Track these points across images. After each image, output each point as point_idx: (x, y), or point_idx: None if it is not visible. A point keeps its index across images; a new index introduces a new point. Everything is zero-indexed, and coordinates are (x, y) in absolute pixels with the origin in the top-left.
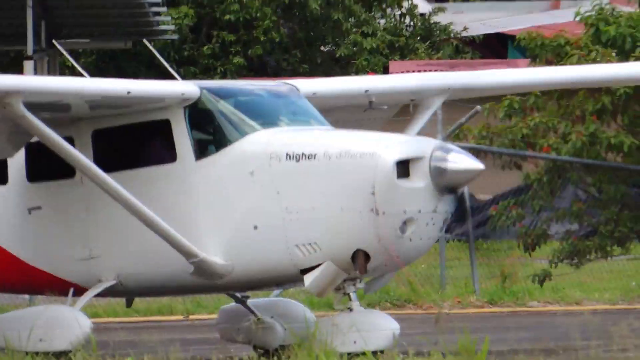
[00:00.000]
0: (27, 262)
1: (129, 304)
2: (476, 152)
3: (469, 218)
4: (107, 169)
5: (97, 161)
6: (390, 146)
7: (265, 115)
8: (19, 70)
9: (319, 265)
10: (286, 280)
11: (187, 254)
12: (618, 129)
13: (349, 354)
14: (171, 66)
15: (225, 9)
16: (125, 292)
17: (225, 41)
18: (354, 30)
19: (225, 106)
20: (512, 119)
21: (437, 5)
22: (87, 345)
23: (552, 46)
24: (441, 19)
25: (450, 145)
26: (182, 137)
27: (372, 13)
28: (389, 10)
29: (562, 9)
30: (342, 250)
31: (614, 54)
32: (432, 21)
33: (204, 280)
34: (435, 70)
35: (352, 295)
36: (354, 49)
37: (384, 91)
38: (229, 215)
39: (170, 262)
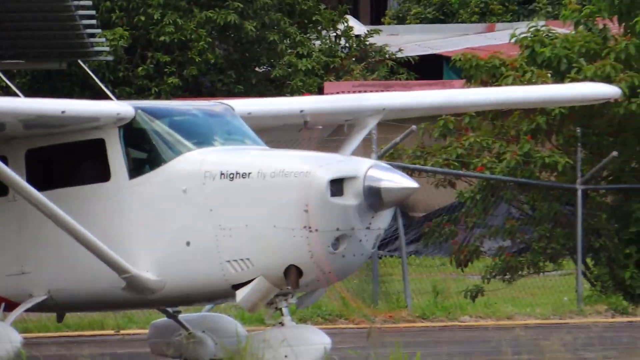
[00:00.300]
0: None
1: (60, 319)
2: (410, 171)
3: (401, 234)
4: (40, 187)
5: (31, 180)
6: (324, 165)
7: (199, 134)
8: None
9: (251, 280)
10: (218, 295)
11: (119, 270)
12: (552, 149)
13: None
14: (106, 87)
15: (160, 30)
16: (57, 307)
17: (159, 62)
18: (289, 51)
19: (159, 126)
20: (446, 139)
21: (372, 27)
22: None
23: (487, 67)
24: (376, 40)
25: (384, 165)
26: (116, 156)
27: (308, 35)
28: (324, 32)
29: (497, 31)
30: (275, 266)
31: (549, 75)
32: (367, 42)
33: (136, 296)
34: (371, 91)
35: (284, 310)
36: (289, 70)
37: (319, 111)
38: (162, 232)
39: (101, 277)
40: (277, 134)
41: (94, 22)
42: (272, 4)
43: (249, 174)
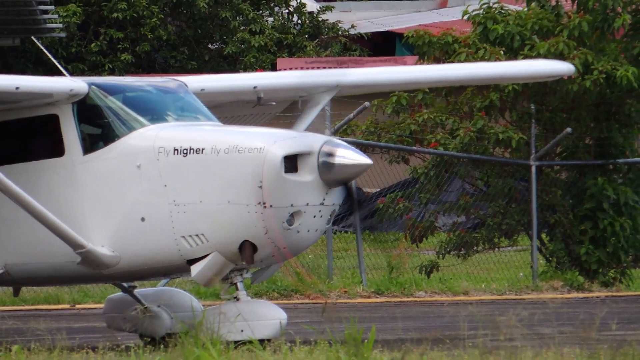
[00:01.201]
0: None
1: (16, 293)
2: (364, 147)
3: (356, 210)
4: None
5: None
6: (278, 141)
7: (153, 110)
8: None
9: (206, 256)
10: (173, 270)
11: (74, 245)
12: (506, 125)
13: (235, 342)
14: (59, 63)
15: (113, 7)
16: (12, 281)
17: (112, 38)
18: (242, 28)
19: (113, 102)
20: (400, 115)
21: (324, 3)
22: None
23: (440, 44)
24: (329, 17)
25: (338, 141)
26: (70, 132)
27: (260, 11)
28: (276, 9)
29: (450, 8)
30: (230, 242)
31: (502, 52)
32: (320, 19)
33: (91, 271)
34: (324, 68)
35: (239, 285)
36: (242, 46)
37: (273, 87)
38: (117, 208)
39: (57, 252)
40: (231, 110)
41: None
42: None
43: (203, 149)
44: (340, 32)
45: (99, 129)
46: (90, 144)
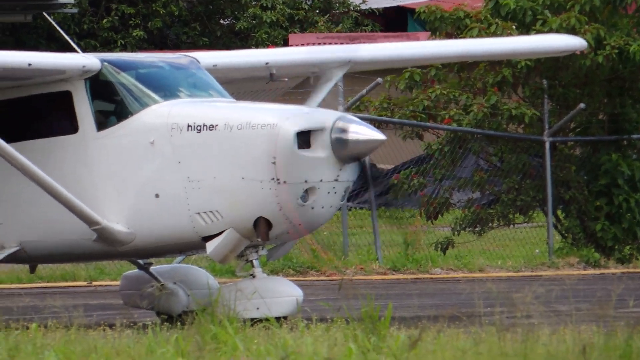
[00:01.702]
0: None
1: (32, 270)
2: (377, 123)
3: (371, 186)
4: (8, 139)
5: None
6: (291, 117)
7: (165, 87)
8: None
9: (221, 232)
10: (188, 247)
11: (90, 222)
12: (519, 101)
13: (252, 319)
14: (71, 39)
15: None
16: (29, 258)
17: (124, 14)
18: (253, 3)
19: (126, 78)
20: (413, 91)
21: None
22: None
23: (452, 19)
24: None
25: (351, 117)
26: (84, 109)
27: None
28: None
29: None
30: (244, 218)
31: (514, 27)
32: None
33: (107, 247)
34: (335, 43)
35: (255, 262)
36: (254, 22)
37: (285, 63)
38: (131, 184)
39: (72, 229)
40: (243, 86)
41: None
42: None
43: (216, 126)
44: (351, 8)
45: (112, 106)
46: (104, 121)
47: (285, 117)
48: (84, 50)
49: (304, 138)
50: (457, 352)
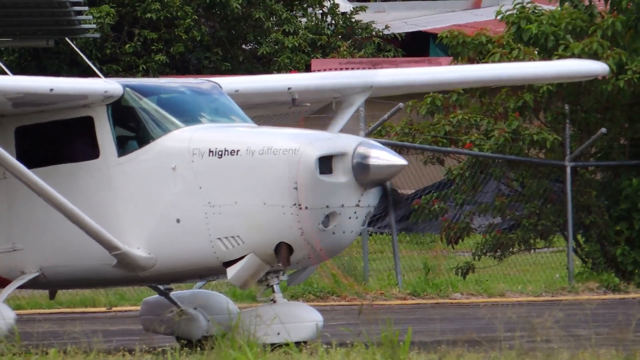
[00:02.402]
0: None
1: (52, 296)
2: (398, 149)
3: (391, 211)
4: (30, 164)
5: (20, 157)
6: (313, 142)
7: (187, 112)
8: None
9: (242, 257)
10: (209, 272)
11: (110, 247)
12: (541, 126)
13: (272, 345)
14: (93, 64)
15: (147, 7)
16: (49, 284)
17: (147, 39)
18: (276, 29)
19: (147, 103)
20: (434, 116)
21: (358, 4)
22: (10, 337)
23: (474, 44)
24: (362, 17)
25: (372, 142)
26: (105, 134)
27: (294, 12)
28: (310, 10)
29: (484, 8)
30: (265, 243)
31: (536, 52)
32: (353, 20)
33: (127, 273)
34: (358, 69)
35: (275, 287)
36: (276, 47)
37: (307, 89)
38: (152, 209)
39: (92, 255)
40: (265, 111)
41: None
42: None
43: (238, 151)
44: (373, 33)
45: (133, 131)
46: (125, 146)
47: (307, 143)
48: (106, 75)
49: (326, 163)
50: None
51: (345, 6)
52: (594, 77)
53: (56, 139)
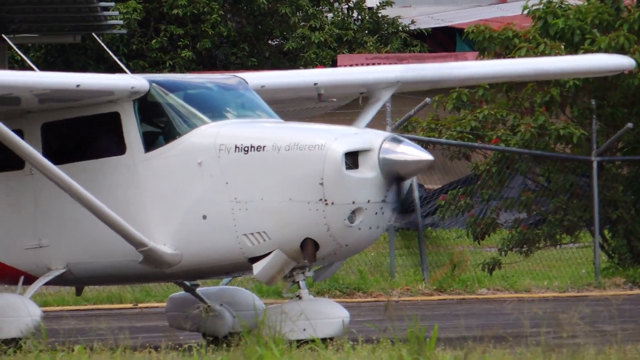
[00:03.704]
0: None
1: (78, 292)
2: (425, 144)
3: (418, 207)
4: (56, 161)
5: (47, 153)
6: (339, 138)
7: (213, 108)
8: None
9: (268, 253)
10: (235, 268)
11: (136, 243)
12: (567, 121)
13: (298, 341)
14: (120, 60)
15: (173, 3)
16: (75, 280)
17: (173, 35)
18: (302, 24)
19: (174, 99)
20: (460, 111)
21: None
22: (37, 333)
23: (501, 39)
24: (389, 12)
25: (399, 137)
26: (132, 130)
27: (320, 7)
28: (336, 5)
29: (510, 3)
30: (291, 239)
31: (562, 47)
32: (379, 15)
33: (153, 269)
34: (384, 64)
35: (302, 283)
36: (302, 42)
37: (334, 84)
38: (178, 206)
39: (119, 251)
40: (291, 106)
41: None
42: None
43: (264, 147)
44: (400, 28)
45: (160, 127)
46: (152, 142)
47: (334, 138)
48: (133, 71)
49: (352, 159)
50: None
51: (371, 1)
52: (620, 72)
53: (83, 135)
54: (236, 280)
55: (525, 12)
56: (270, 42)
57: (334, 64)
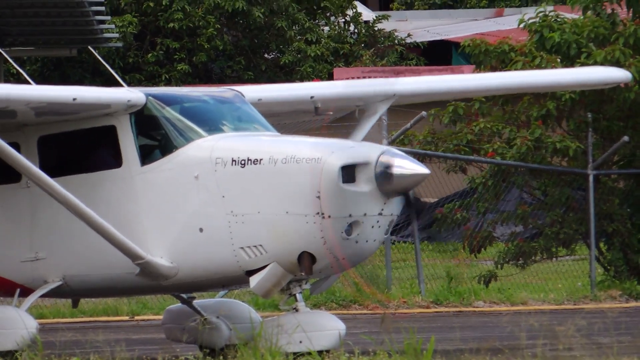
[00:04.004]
0: None
1: (74, 304)
2: (421, 157)
3: (414, 220)
4: (53, 174)
5: (43, 166)
6: (335, 151)
7: (210, 121)
8: None
9: (264, 266)
10: (232, 281)
11: (133, 256)
12: (563, 134)
13: (294, 353)
14: (116, 73)
15: (169, 17)
16: (71, 293)
17: (169, 48)
18: (298, 37)
19: (170, 112)
20: (457, 125)
21: (380, 12)
22: (33, 346)
23: (497, 52)
24: (385, 26)
25: (395, 151)
26: (128, 143)
27: (316, 21)
28: (332, 18)
29: (506, 16)
30: (288, 252)
31: (558, 60)
32: (376, 28)
33: (150, 282)
34: (381, 77)
35: (298, 296)
36: (299, 56)
37: (330, 97)
38: (175, 218)
39: (115, 263)
40: (288, 119)
41: (103, 9)
42: None
43: (261, 160)
44: (396, 41)
45: (156, 140)
46: (148, 155)
47: (330, 152)
48: (129, 84)
49: (349, 172)
50: None
51: (367, 15)
52: (616, 85)
53: (79, 148)
54: (233, 292)
55: (522, 25)
56: (266, 55)
57: (330, 77)
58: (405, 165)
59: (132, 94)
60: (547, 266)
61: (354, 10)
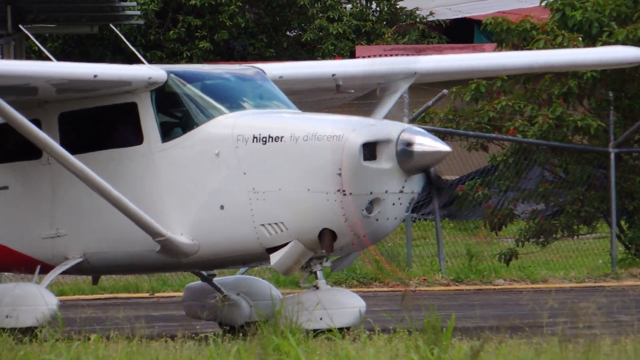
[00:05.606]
0: None
1: (95, 281)
2: (442, 135)
3: (435, 198)
4: (73, 150)
5: (64, 143)
6: (357, 129)
7: (231, 98)
8: None
9: (285, 244)
10: (252, 258)
11: (154, 233)
12: (585, 112)
13: (315, 331)
14: (137, 51)
15: None
16: (92, 270)
17: (191, 26)
18: (320, 15)
19: (191, 90)
20: (478, 102)
21: None
22: (53, 322)
23: (518, 31)
24: (407, 4)
25: (416, 128)
26: (149, 120)
27: None
28: None
29: None
30: (309, 230)
31: (580, 39)
32: (397, 6)
33: (170, 259)
34: (402, 55)
35: (319, 273)
36: (320, 33)
37: (352, 75)
38: (196, 196)
39: (136, 240)
40: (309, 97)
41: None
42: None
43: (282, 137)
44: (418, 19)
45: (177, 117)
46: (169, 132)
47: (351, 129)
48: (150, 61)
49: (370, 150)
50: None
51: None
52: (638, 64)
53: (100, 125)
54: (253, 270)
55: (544, 4)
56: (288, 33)
57: (352, 55)
58: (426, 142)
59: (153, 71)
60: (568, 244)
61: None
